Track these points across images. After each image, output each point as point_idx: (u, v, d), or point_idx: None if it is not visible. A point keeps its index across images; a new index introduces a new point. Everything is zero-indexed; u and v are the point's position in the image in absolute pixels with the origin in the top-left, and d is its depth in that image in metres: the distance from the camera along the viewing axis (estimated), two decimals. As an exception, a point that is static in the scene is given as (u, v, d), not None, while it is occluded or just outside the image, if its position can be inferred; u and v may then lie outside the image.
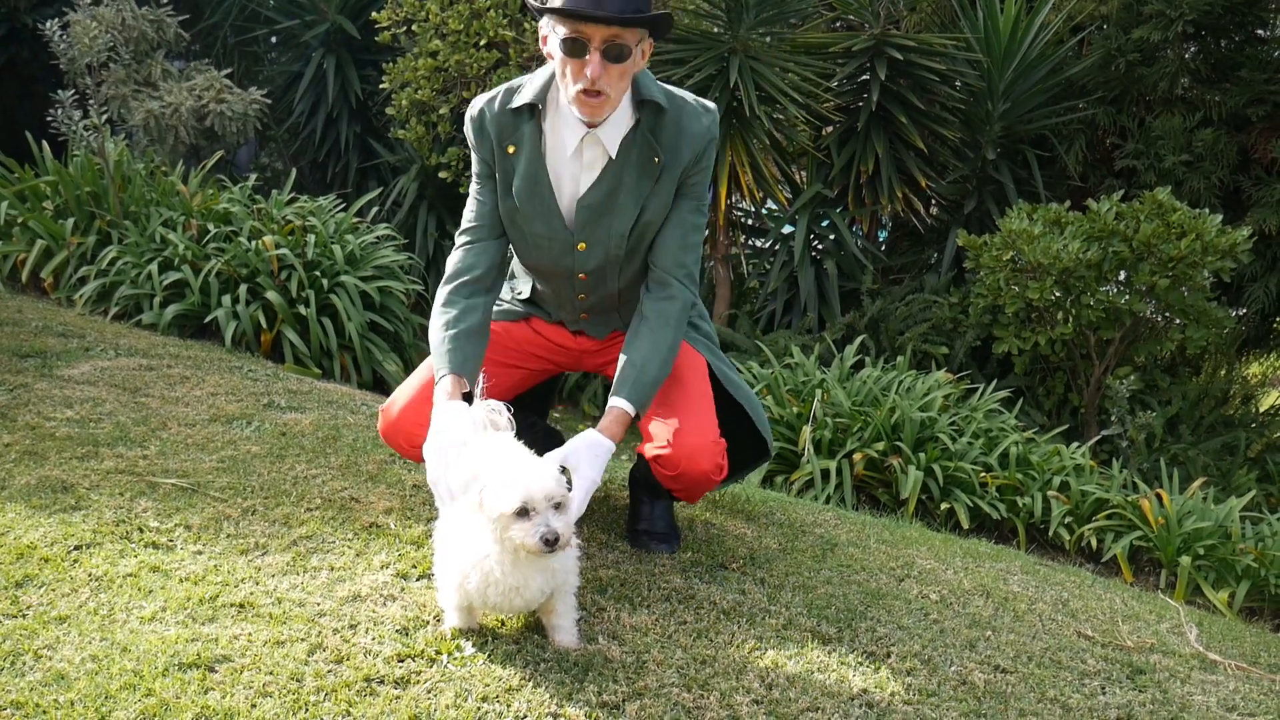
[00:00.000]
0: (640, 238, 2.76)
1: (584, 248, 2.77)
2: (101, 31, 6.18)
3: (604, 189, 2.71)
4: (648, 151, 2.69)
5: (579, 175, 2.73)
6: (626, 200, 2.71)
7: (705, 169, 2.78)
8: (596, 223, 2.74)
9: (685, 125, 2.71)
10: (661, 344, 2.71)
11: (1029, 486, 4.59)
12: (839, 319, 6.28)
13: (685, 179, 2.75)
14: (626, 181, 2.70)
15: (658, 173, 2.70)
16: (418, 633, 2.38)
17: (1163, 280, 5.22)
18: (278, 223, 5.67)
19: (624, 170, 2.70)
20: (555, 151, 2.72)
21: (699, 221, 2.82)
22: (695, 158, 2.73)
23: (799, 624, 2.66)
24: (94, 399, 3.79)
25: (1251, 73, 6.29)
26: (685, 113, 2.72)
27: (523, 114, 2.72)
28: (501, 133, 2.73)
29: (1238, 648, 3.15)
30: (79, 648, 2.19)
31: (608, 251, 2.77)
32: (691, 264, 2.81)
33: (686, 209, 2.78)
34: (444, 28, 6.10)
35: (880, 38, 6.20)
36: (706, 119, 2.74)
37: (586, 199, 2.72)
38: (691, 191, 2.77)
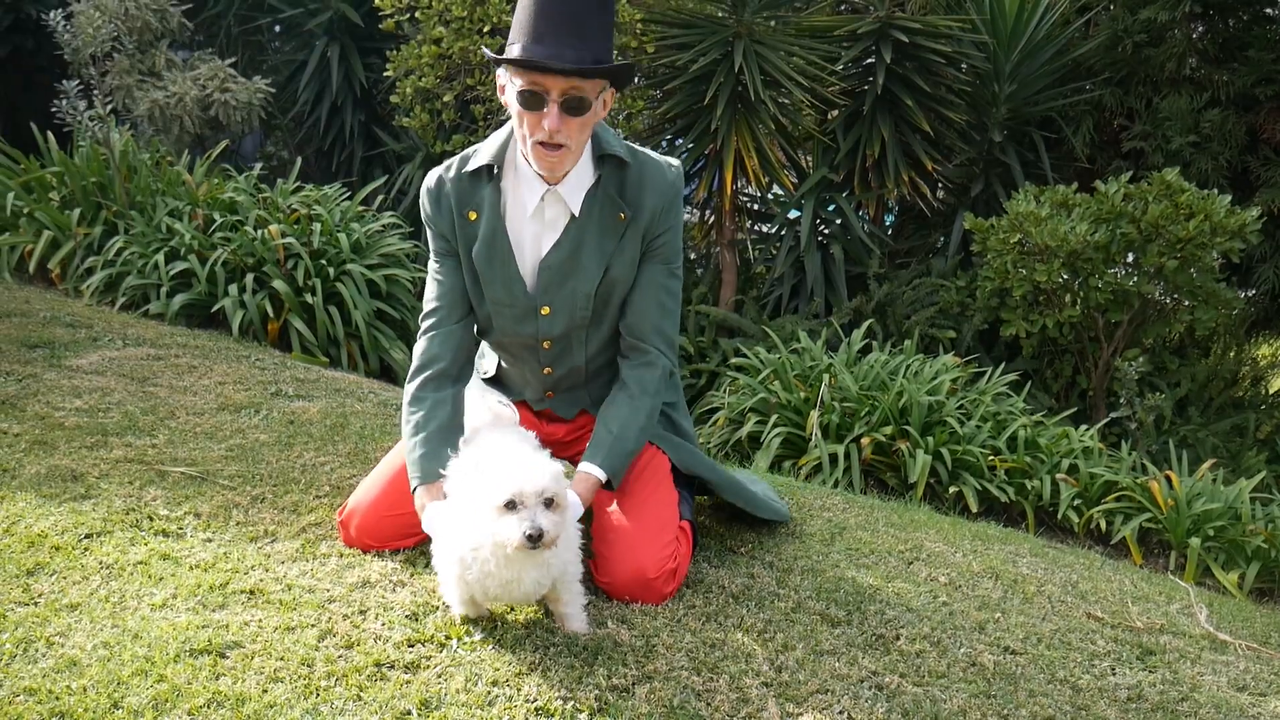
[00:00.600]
0: (605, 299, 2.65)
1: (547, 312, 2.64)
2: (105, 21, 6.17)
3: (566, 249, 2.60)
4: (611, 208, 2.59)
5: (541, 235, 2.62)
6: (590, 260, 2.60)
7: (673, 228, 2.66)
8: (560, 285, 2.62)
9: (649, 179, 2.61)
10: (640, 412, 2.64)
11: (1037, 469, 4.59)
12: (846, 303, 6.27)
13: (652, 238, 2.64)
14: (589, 240, 2.60)
15: (622, 230, 2.60)
16: (427, 618, 2.38)
17: (1171, 262, 5.20)
18: (283, 212, 5.67)
19: (586, 228, 2.60)
20: (515, 212, 2.62)
21: (674, 286, 2.70)
22: (659, 212, 2.62)
23: (808, 607, 2.67)
24: (102, 389, 3.80)
25: (1260, 52, 6.25)
26: (648, 167, 2.62)
27: (481, 176, 2.62)
28: (461, 199, 2.63)
29: (1248, 628, 3.14)
30: (90, 635, 2.20)
31: (572, 315, 2.65)
32: (670, 330, 2.72)
33: (659, 273, 2.67)
34: (448, 14, 6.07)
35: (886, 20, 6.17)
36: (671, 173, 2.65)
37: (549, 259, 2.61)
38: (660, 254, 2.66)
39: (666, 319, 2.71)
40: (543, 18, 2.41)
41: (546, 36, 2.41)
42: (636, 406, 2.65)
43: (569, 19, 2.41)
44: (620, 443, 2.61)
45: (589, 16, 2.43)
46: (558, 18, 2.41)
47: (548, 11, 2.41)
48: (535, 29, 2.42)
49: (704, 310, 6.29)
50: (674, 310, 2.73)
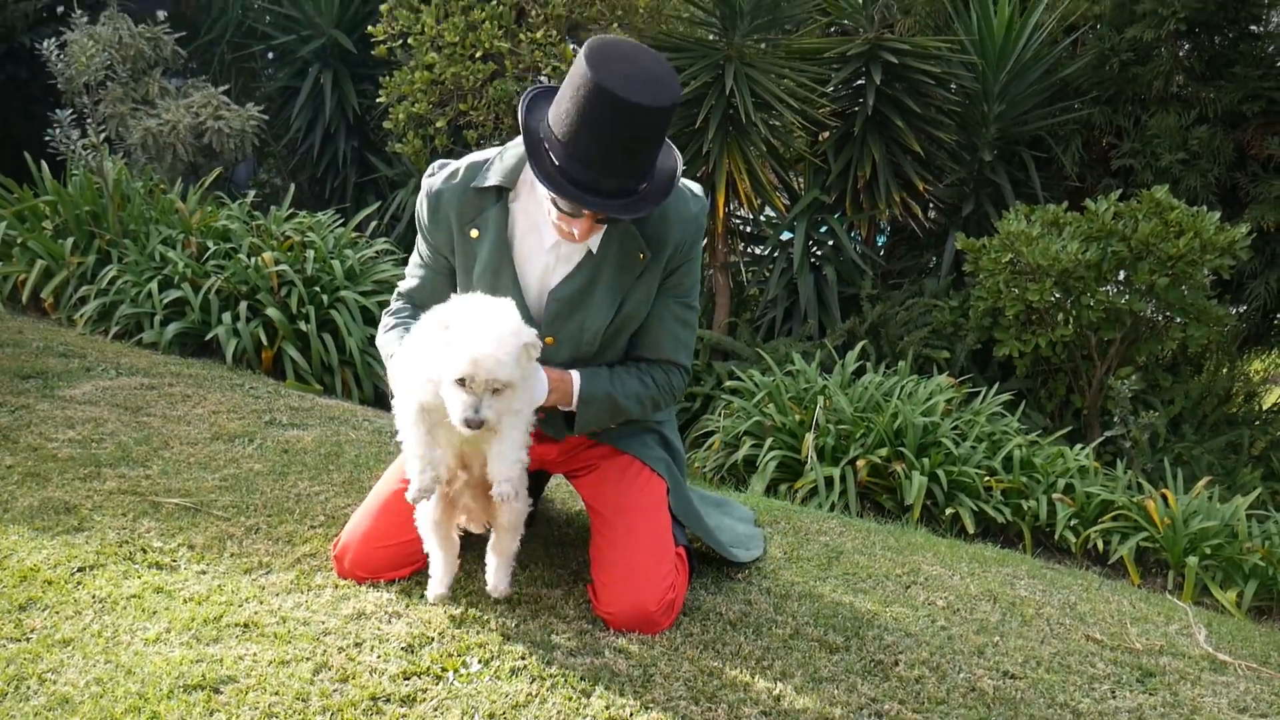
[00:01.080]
0: (614, 334, 2.58)
1: (551, 342, 2.54)
2: (99, 50, 6.19)
3: (579, 282, 2.51)
4: (632, 245, 2.49)
5: (554, 266, 2.52)
6: (604, 295, 2.51)
7: (692, 260, 2.57)
8: (568, 317, 2.54)
9: (672, 213, 2.49)
10: (647, 388, 2.61)
11: (1033, 489, 4.58)
12: (839, 325, 6.27)
13: (670, 271, 2.54)
14: (605, 276, 2.50)
15: (641, 268, 2.51)
16: (423, 650, 2.37)
17: (1162, 279, 5.22)
18: (277, 239, 5.67)
19: (603, 264, 2.50)
20: (525, 238, 2.51)
21: (689, 317, 2.64)
22: (681, 245, 2.52)
23: (805, 633, 2.66)
24: (96, 419, 3.79)
25: (1246, 69, 6.29)
26: (674, 199, 2.47)
27: (489, 195, 2.49)
28: (463, 214, 2.51)
29: (1247, 648, 3.13)
30: (83, 671, 2.19)
31: (578, 348, 2.57)
32: (684, 359, 2.66)
33: (674, 306, 2.60)
34: (440, 40, 6.10)
35: (875, 42, 6.21)
36: (695, 205, 2.54)
37: (559, 291, 2.51)
38: (677, 288, 2.58)
39: (681, 350, 2.66)
40: (589, 139, 2.20)
41: (593, 157, 2.21)
42: (644, 382, 2.62)
43: (617, 147, 2.21)
44: (613, 387, 2.56)
45: (641, 145, 2.24)
46: (603, 143, 2.20)
47: (594, 136, 2.19)
48: (579, 144, 2.21)
49: (698, 333, 6.30)
50: (688, 340, 2.67)
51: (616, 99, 2.14)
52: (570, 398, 2.55)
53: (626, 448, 2.76)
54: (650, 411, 2.69)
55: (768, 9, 6.06)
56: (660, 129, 2.24)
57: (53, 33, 6.78)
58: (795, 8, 6.31)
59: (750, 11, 5.97)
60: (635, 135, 2.20)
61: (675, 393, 2.70)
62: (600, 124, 2.17)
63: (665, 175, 2.35)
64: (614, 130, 2.18)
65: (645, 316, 2.60)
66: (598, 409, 2.58)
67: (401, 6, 6.26)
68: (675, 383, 2.68)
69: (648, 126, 2.20)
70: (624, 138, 2.19)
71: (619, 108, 2.15)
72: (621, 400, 2.59)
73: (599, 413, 2.58)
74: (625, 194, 2.27)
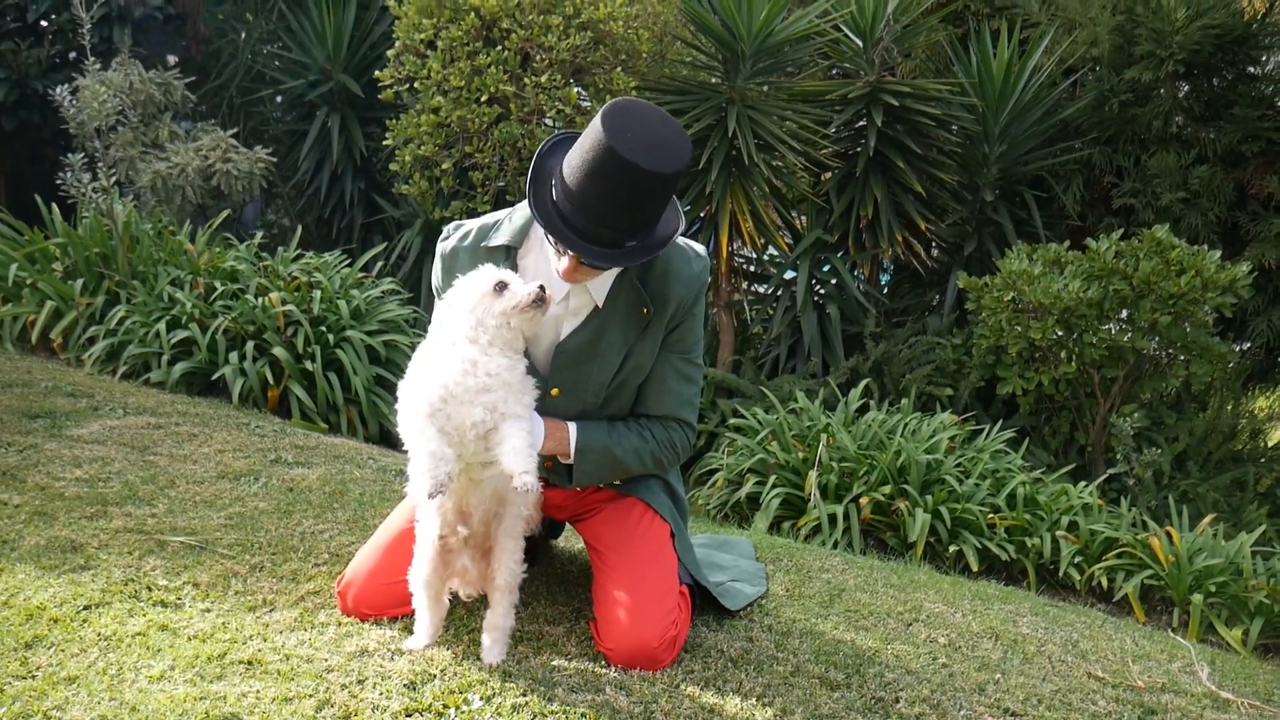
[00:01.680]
0: (620, 389, 2.64)
1: (557, 394, 2.62)
2: (110, 96, 6.29)
3: (586, 336, 2.59)
4: (636, 299, 2.56)
5: (562, 319, 2.60)
6: (610, 349, 2.59)
7: (694, 317, 2.64)
8: (575, 369, 2.61)
9: (675, 270, 2.57)
10: (646, 443, 2.65)
11: (1037, 527, 4.58)
12: (843, 363, 6.30)
13: (672, 327, 2.62)
14: (612, 330, 2.58)
15: (645, 322, 2.58)
16: (425, 686, 2.38)
17: (1164, 317, 5.25)
18: (284, 279, 5.73)
19: (610, 318, 2.58)
20: None
21: (692, 372, 2.69)
22: (684, 302, 2.59)
23: (807, 670, 2.66)
24: (103, 458, 3.82)
25: (1244, 109, 6.36)
26: (675, 257, 2.58)
27: (498, 253, 2.59)
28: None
29: (1251, 685, 3.12)
30: (88, 708, 2.20)
31: (584, 400, 2.63)
32: (688, 414, 2.70)
33: (675, 361, 2.66)
34: (445, 84, 6.20)
35: (876, 85, 6.29)
36: (698, 265, 2.61)
37: (567, 344, 2.60)
38: (679, 345, 2.65)
39: (684, 406, 2.70)
40: (592, 186, 2.30)
41: (592, 205, 2.30)
42: (644, 437, 2.66)
43: (618, 205, 2.30)
44: (610, 440, 2.60)
45: (641, 204, 2.32)
46: (604, 198, 2.29)
47: (597, 189, 2.29)
48: (582, 192, 2.31)
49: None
50: (691, 397, 2.70)
51: (620, 159, 2.24)
52: (566, 445, 2.61)
53: (631, 491, 2.80)
54: (652, 467, 2.73)
55: (770, 53, 6.15)
56: (659, 192, 2.32)
57: (65, 79, 6.91)
58: (797, 52, 6.40)
59: (752, 55, 6.06)
60: (633, 195, 2.29)
61: (678, 449, 2.72)
62: (602, 178, 2.27)
63: (661, 237, 2.43)
64: (613, 187, 2.27)
65: (648, 372, 2.66)
66: (596, 461, 2.62)
67: (408, 52, 6.36)
68: (677, 439, 2.72)
69: (647, 188, 2.29)
70: (622, 196, 2.29)
71: (621, 167, 2.25)
72: (619, 454, 2.64)
73: (597, 465, 2.63)
74: (613, 245, 2.35)
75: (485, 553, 2.57)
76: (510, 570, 2.53)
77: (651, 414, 2.70)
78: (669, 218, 2.46)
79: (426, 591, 2.55)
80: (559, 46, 6.07)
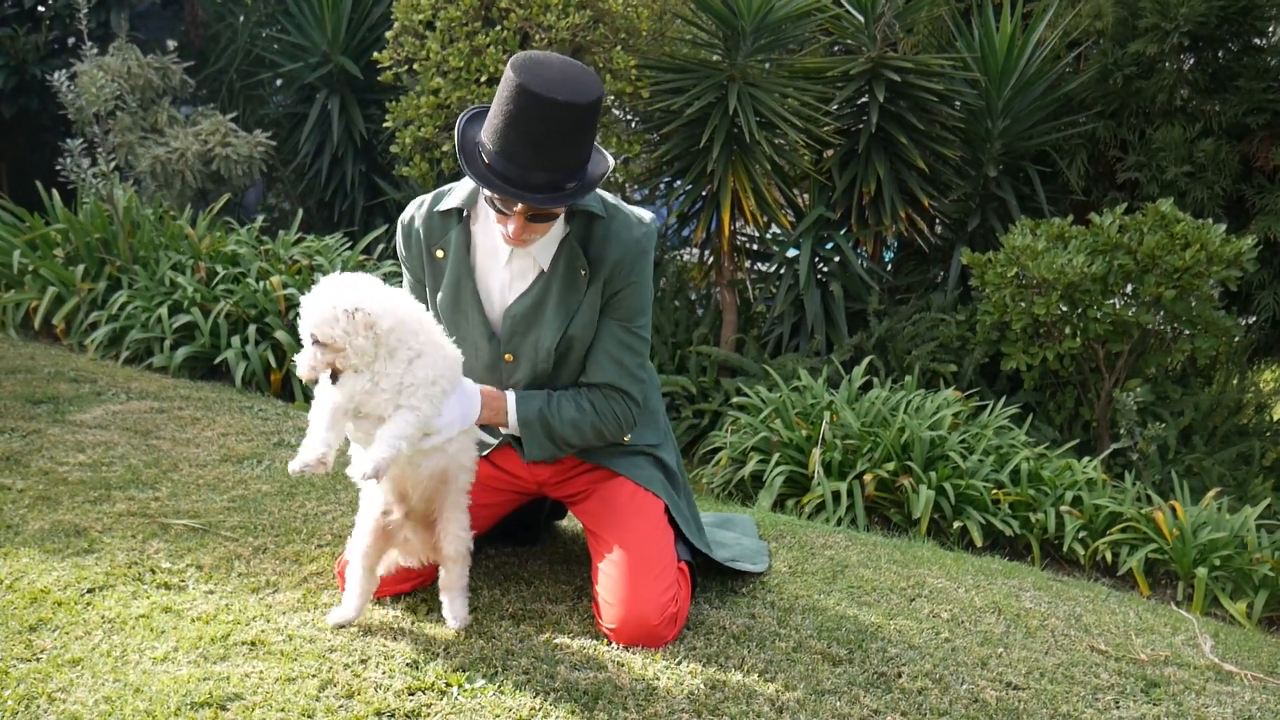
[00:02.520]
0: (566, 353, 2.65)
1: (510, 359, 2.67)
2: (108, 81, 6.27)
3: (531, 300, 2.63)
4: (575, 263, 2.60)
5: (509, 284, 2.64)
6: (553, 313, 2.61)
7: (635, 284, 2.63)
8: (524, 335, 2.64)
9: (614, 234, 2.60)
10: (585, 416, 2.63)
11: (1041, 502, 4.58)
12: (846, 340, 6.28)
13: (611, 293, 2.62)
14: (554, 294, 2.61)
15: (584, 285, 2.61)
16: (428, 665, 2.39)
17: (1169, 291, 5.22)
18: (285, 263, 5.73)
19: (553, 282, 2.61)
20: (485, 257, 2.65)
21: (635, 344, 2.67)
22: (620, 266, 2.59)
23: (809, 646, 2.66)
24: (106, 443, 3.83)
25: (1250, 82, 6.30)
26: (618, 221, 2.61)
27: (451, 217, 2.65)
28: (430, 236, 2.66)
29: (1254, 658, 3.12)
30: (92, 690, 2.21)
31: (535, 366, 2.66)
32: (629, 387, 2.68)
33: (616, 330, 2.65)
34: (445, 65, 6.16)
35: (878, 60, 6.24)
36: (639, 230, 2.62)
37: (514, 308, 2.63)
38: (619, 310, 2.64)
39: (625, 377, 2.67)
40: (514, 134, 2.35)
41: (514, 151, 2.36)
42: (581, 408, 2.65)
43: (540, 141, 2.35)
44: (548, 410, 2.61)
45: (563, 139, 2.37)
46: (527, 138, 2.34)
47: (518, 130, 2.35)
48: (506, 142, 2.37)
49: (705, 350, 6.32)
50: (633, 368, 2.68)
51: (536, 96, 2.31)
52: (503, 415, 2.63)
53: (619, 469, 2.79)
54: (594, 439, 2.70)
55: (770, 30, 6.11)
56: (581, 125, 2.38)
57: (63, 64, 6.88)
58: (798, 28, 6.36)
59: (753, 32, 6.02)
60: (554, 130, 2.34)
61: (620, 421, 2.69)
62: (522, 120, 2.34)
63: (594, 176, 2.49)
64: (536, 126, 2.34)
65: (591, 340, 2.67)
66: (535, 433, 2.63)
67: (407, 33, 6.32)
68: (619, 410, 2.68)
69: (566, 121, 2.35)
70: (545, 133, 2.34)
71: (538, 104, 2.32)
72: (557, 426, 2.64)
73: (538, 437, 2.64)
74: (552, 188, 2.40)
75: (429, 524, 2.58)
76: (457, 539, 2.56)
77: (593, 382, 2.68)
78: (597, 160, 2.52)
79: (363, 561, 2.55)
80: (558, 26, 6.03)
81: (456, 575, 2.58)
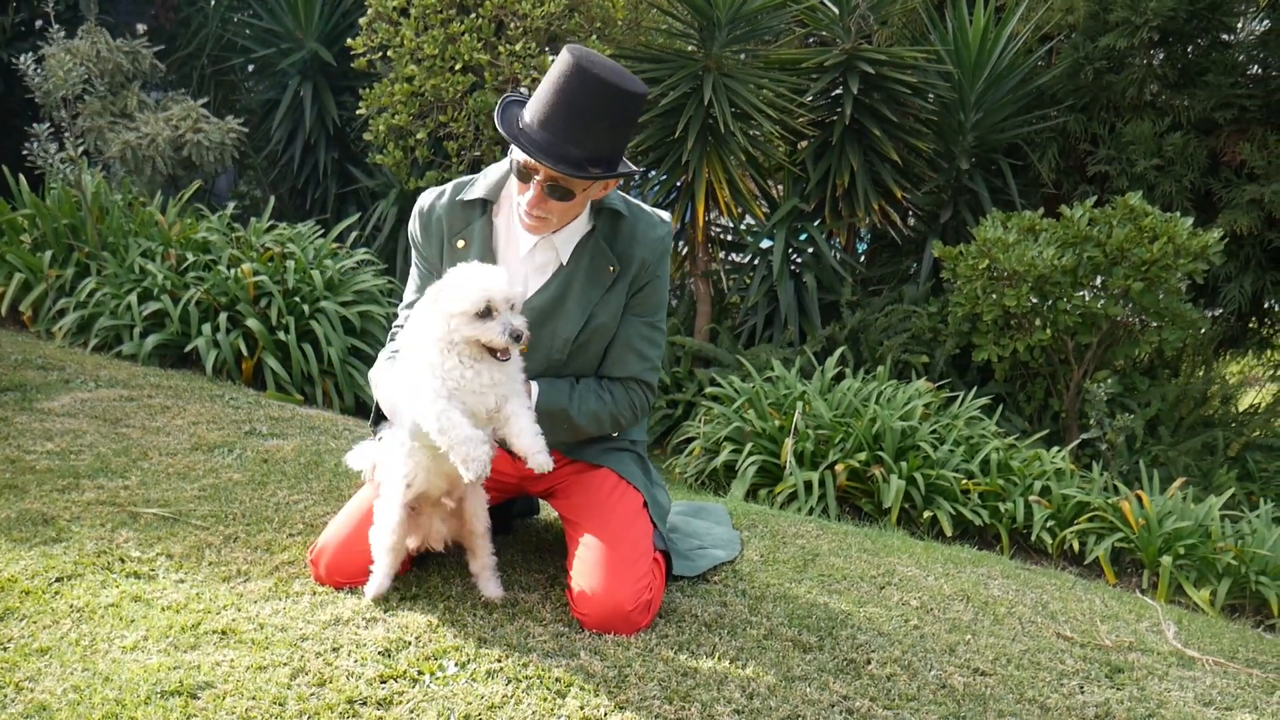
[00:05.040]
0: (584, 346, 2.70)
1: (524, 349, 2.65)
2: (76, 64, 6.19)
3: (552, 293, 2.67)
4: (602, 260, 2.66)
5: (529, 276, 2.69)
6: (574, 306, 2.67)
7: (658, 279, 2.73)
8: (541, 326, 2.67)
9: (640, 232, 2.68)
10: (605, 405, 2.70)
11: (1010, 492, 4.63)
12: (819, 331, 6.32)
13: (635, 290, 2.70)
14: (576, 288, 2.67)
15: (610, 281, 2.67)
16: (400, 654, 2.39)
17: (1137, 284, 5.28)
18: (257, 250, 5.69)
19: (575, 276, 2.67)
20: (507, 249, 2.70)
21: (655, 336, 2.77)
22: (646, 264, 2.68)
23: (780, 634, 2.68)
24: (74, 431, 3.79)
25: (1218, 77, 6.37)
26: (641, 221, 2.70)
27: (474, 208, 2.69)
28: (452, 225, 2.70)
29: (1216, 644, 3.18)
30: (60, 679, 2.20)
31: (549, 357, 2.70)
32: (649, 377, 2.77)
33: (638, 325, 2.73)
34: (419, 53, 6.13)
35: (852, 52, 6.27)
36: (662, 229, 2.72)
37: (534, 301, 2.67)
38: (641, 306, 2.72)
39: (645, 368, 2.76)
40: (556, 105, 2.44)
41: (553, 122, 2.45)
42: (602, 399, 2.72)
43: (580, 114, 2.43)
44: (570, 403, 2.67)
45: (600, 117, 2.45)
46: (569, 110, 2.43)
47: (561, 101, 2.44)
48: (547, 111, 2.46)
49: (679, 341, 6.33)
50: (654, 359, 2.78)
51: (586, 72, 2.42)
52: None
53: (603, 463, 2.83)
54: (610, 429, 2.77)
55: (745, 20, 6.12)
56: (620, 110, 2.47)
57: (30, 47, 6.79)
58: (773, 19, 6.37)
59: (728, 23, 6.02)
60: (595, 106, 2.43)
61: (637, 411, 2.79)
62: (568, 92, 2.43)
63: (622, 171, 2.56)
64: (578, 97, 2.43)
65: (613, 333, 2.72)
66: (552, 423, 2.65)
67: (381, 20, 6.28)
68: (637, 401, 2.78)
69: (609, 100, 2.44)
70: (584, 106, 2.43)
71: (586, 79, 2.42)
72: (577, 418, 2.69)
73: (553, 427, 2.66)
74: (578, 165, 2.46)
75: (451, 512, 2.68)
76: (483, 517, 2.68)
77: (614, 375, 2.75)
78: (626, 164, 2.59)
79: (392, 554, 2.63)
80: (533, 14, 6.01)
81: (487, 551, 2.70)
